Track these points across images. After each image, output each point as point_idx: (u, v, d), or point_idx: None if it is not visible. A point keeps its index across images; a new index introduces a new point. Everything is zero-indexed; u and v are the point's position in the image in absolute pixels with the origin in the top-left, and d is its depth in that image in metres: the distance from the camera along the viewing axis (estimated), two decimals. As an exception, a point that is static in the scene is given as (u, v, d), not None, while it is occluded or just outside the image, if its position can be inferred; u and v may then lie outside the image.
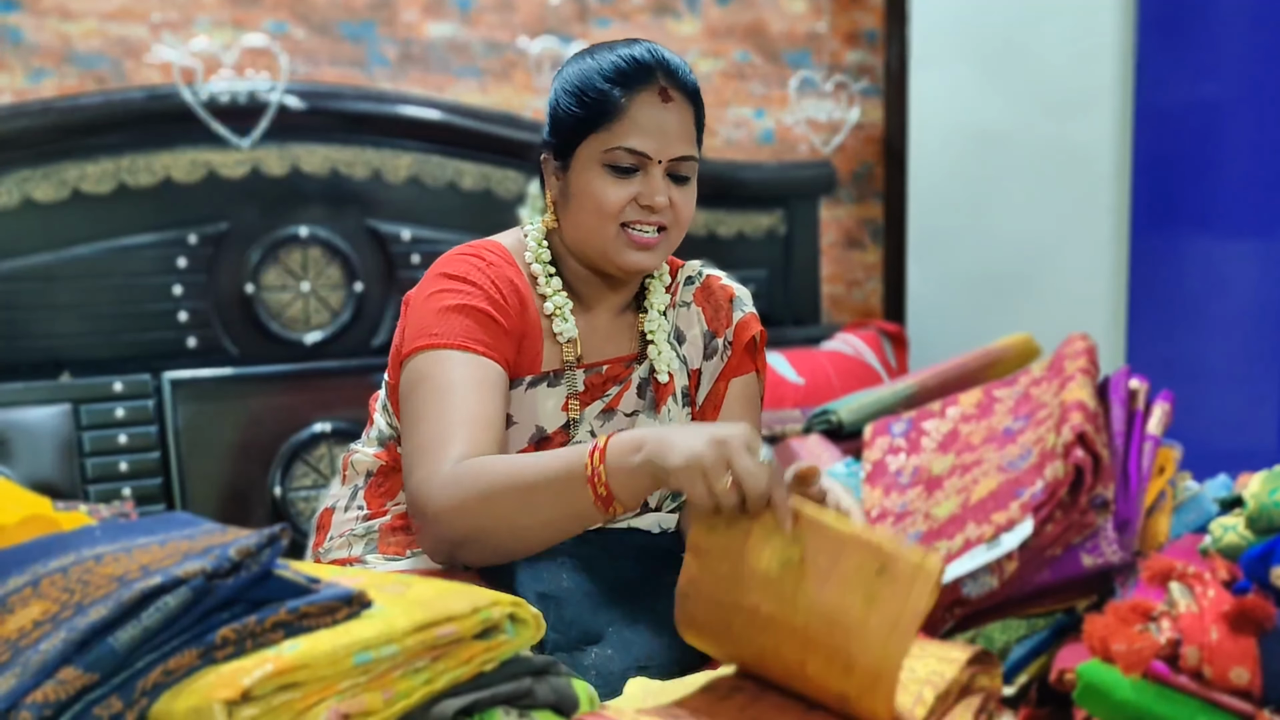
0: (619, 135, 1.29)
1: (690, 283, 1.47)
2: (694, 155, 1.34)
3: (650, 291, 1.43)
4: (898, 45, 3.29)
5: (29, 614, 0.84)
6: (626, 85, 1.29)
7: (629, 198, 1.30)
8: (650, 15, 3.05)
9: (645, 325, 1.41)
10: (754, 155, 3.18)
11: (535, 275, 1.37)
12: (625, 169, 1.30)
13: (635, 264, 1.33)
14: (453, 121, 2.68)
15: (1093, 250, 2.91)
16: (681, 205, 1.33)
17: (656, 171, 1.30)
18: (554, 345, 1.36)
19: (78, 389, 2.32)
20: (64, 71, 2.51)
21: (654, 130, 1.29)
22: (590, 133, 1.30)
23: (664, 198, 1.30)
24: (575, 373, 1.36)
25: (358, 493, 1.42)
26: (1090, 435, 1.14)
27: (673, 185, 1.32)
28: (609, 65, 1.31)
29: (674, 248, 1.37)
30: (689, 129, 1.33)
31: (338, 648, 0.82)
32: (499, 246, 1.37)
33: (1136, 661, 0.89)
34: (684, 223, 1.35)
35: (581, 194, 1.31)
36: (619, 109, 1.29)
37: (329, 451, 2.53)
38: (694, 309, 1.46)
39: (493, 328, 1.28)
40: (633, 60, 1.30)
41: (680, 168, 1.32)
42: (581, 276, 1.38)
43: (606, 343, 1.40)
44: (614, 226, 1.31)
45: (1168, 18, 2.75)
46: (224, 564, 0.82)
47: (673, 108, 1.30)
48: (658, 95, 1.30)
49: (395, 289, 2.63)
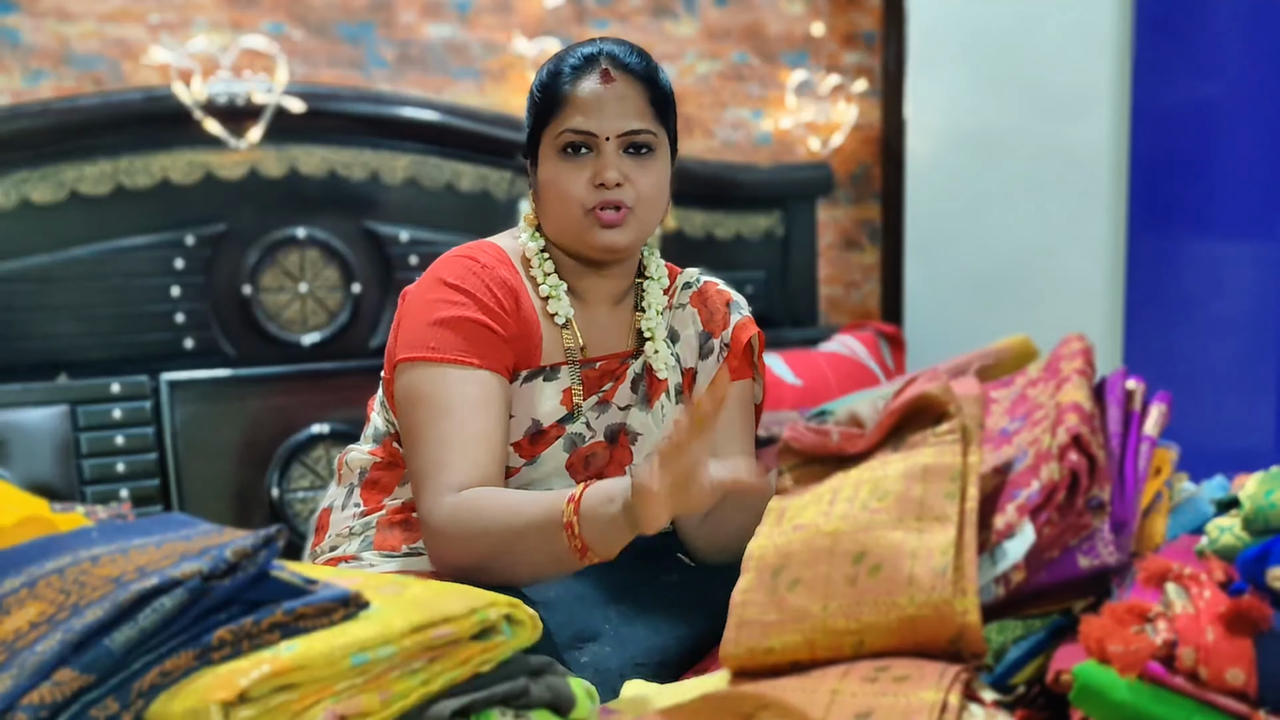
0: (565, 119, 1.33)
1: (688, 288, 1.48)
2: (647, 129, 1.34)
3: (647, 291, 1.44)
4: (895, 47, 3.29)
5: (25, 615, 0.83)
6: (571, 74, 1.34)
7: (585, 181, 1.32)
8: (648, 16, 3.05)
9: (642, 323, 1.42)
10: (751, 157, 3.18)
11: (530, 264, 1.38)
12: (576, 150, 1.33)
13: (604, 242, 1.34)
14: (450, 123, 2.68)
15: (1090, 251, 2.91)
16: (640, 180, 1.34)
17: (607, 149, 1.32)
18: (552, 339, 1.37)
19: (75, 390, 2.33)
20: (62, 73, 2.51)
21: (595, 108, 1.32)
22: (545, 124, 1.35)
23: (615, 173, 1.32)
24: (575, 366, 1.37)
25: (354, 490, 1.42)
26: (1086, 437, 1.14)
27: (629, 161, 1.33)
28: (559, 61, 1.36)
29: (647, 227, 1.37)
30: (639, 105, 1.34)
31: (334, 649, 0.82)
32: (494, 247, 1.39)
33: (1133, 662, 0.89)
34: (650, 199, 1.35)
35: (546, 184, 1.35)
36: (564, 95, 1.33)
37: (326, 453, 2.53)
38: (689, 309, 1.47)
39: (489, 338, 1.30)
40: (579, 53, 1.35)
41: (635, 140, 1.34)
42: (570, 268, 1.40)
43: (604, 337, 1.41)
44: (579, 210, 1.33)
45: (1165, 19, 2.75)
46: (220, 565, 0.82)
47: (615, 86, 1.33)
48: (598, 76, 1.33)
49: (393, 290, 2.63)
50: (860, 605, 1.01)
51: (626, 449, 1.41)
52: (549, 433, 1.35)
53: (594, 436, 1.38)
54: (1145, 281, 2.83)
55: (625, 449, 1.41)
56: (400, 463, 1.40)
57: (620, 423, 1.40)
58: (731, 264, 2.98)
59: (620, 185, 1.32)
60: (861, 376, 2.74)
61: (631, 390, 1.41)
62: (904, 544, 1.05)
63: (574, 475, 1.37)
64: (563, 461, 1.37)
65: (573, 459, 1.37)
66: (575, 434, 1.37)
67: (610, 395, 1.39)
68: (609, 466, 1.39)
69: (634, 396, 1.41)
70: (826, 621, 1.01)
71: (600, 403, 1.39)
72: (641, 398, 1.42)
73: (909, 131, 3.25)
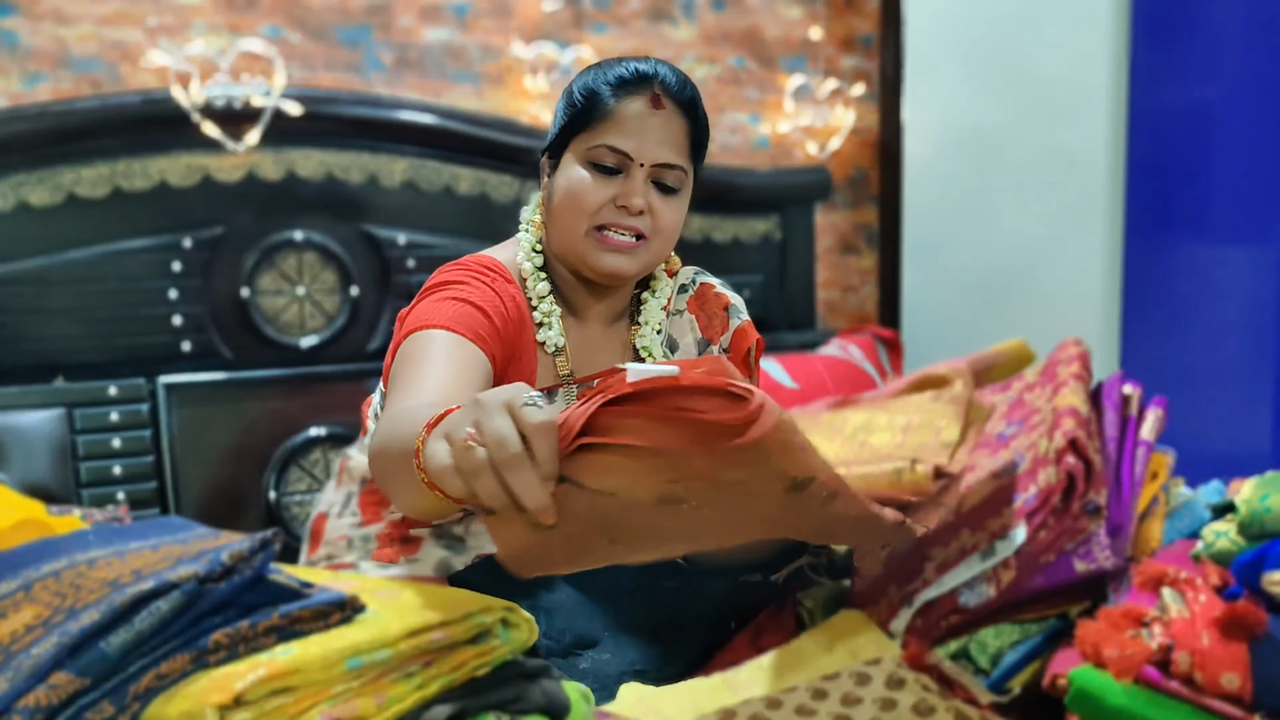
0: (603, 133, 1.30)
1: (684, 290, 1.46)
2: (681, 165, 1.32)
3: (645, 306, 1.42)
4: (893, 50, 3.29)
5: (21, 618, 0.83)
6: (620, 88, 1.31)
7: (607, 198, 1.30)
8: (646, 21, 3.05)
9: (637, 339, 1.40)
10: (749, 161, 3.18)
11: (525, 278, 1.36)
12: (607, 168, 1.30)
13: (606, 266, 1.31)
14: (448, 126, 2.68)
15: (1087, 255, 2.92)
16: (663, 214, 1.31)
17: (638, 174, 1.30)
18: (548, 363, 1.36)
19: (72, 393, 2.32)
20: (59, 75, 2.51)
21: (638, 131, 1.30)
22: (579, 131, 1.32)
23: (641, 200, 1.30)
24: (570, 388, 1.35)
25: (351, 499, 1.42)
26: (1082, 441, 1.14)
27: (656, 193, 1.31)
28: (609, 72, 1.33)
29: (655, 260, 1.35)
30: (678, 139, 1.32)
31: (330, 652, 0.82)
32: (496, 263, 1.36)
33: (1128, 667, 0.90)
34: (666, 233, 1.33)
35: (562, 189, 1.32)
36: (609, 110, 1.30)
37: (324, 456, 2.53)
38: (687, 316, 1.45)
39: (488, 324, 1.27)
40: (633, 69, 1.32)
41: (666, 176, 1.31)
42: (569, 283, 1.38)
43: (598, 354, 1.40)
44: (586, 224, 1.30)
45: (1162, 22, 2.75)
46: (216, 568, 0.82)
47: (662, 115, 1.31)
48: (648, 101, 1.31)
49: (391, 293, 2.63)
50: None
51: None
52: None
53: None
54: (1142, 285, 2.83)
55: None
56: None
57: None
58: (729, 268, 2.98)
59: (642, 214, 1.30)
60: (859, 380, 2.74)
61: None
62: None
63: None
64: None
65: None
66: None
67: None
68: None
69: None
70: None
71: None
72: None
73: (907, 135, 3.25)
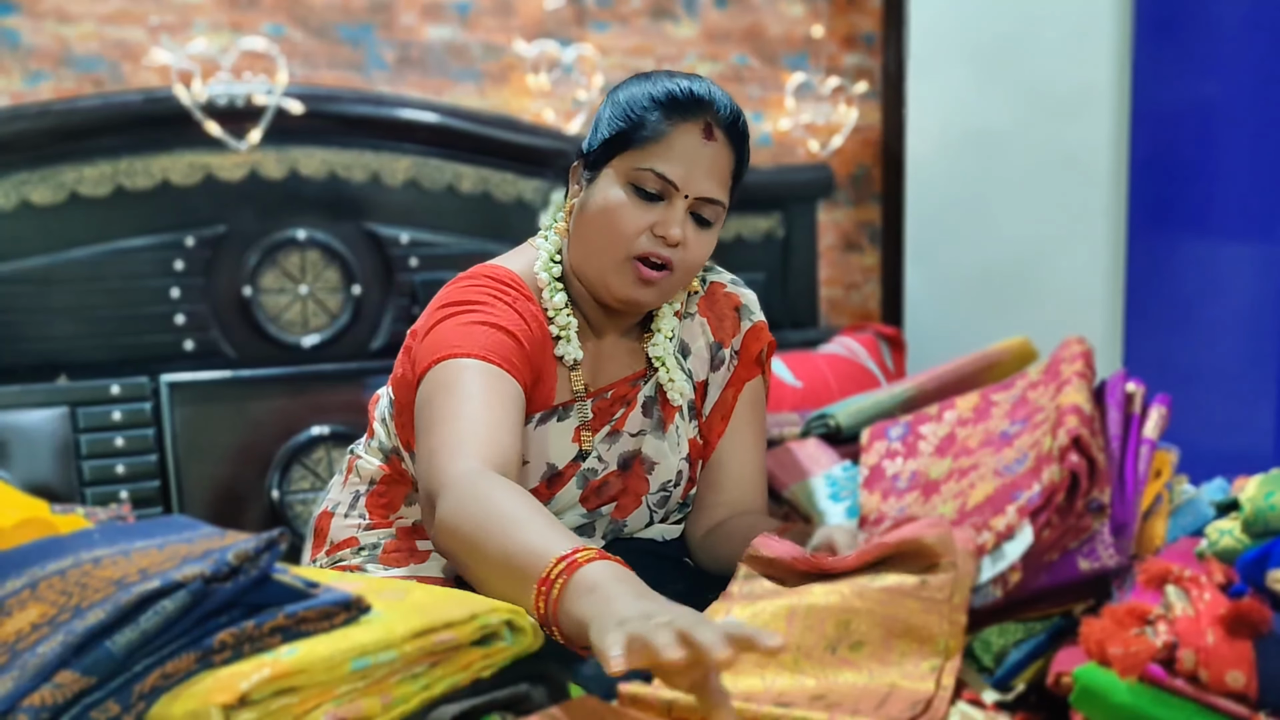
0: (652, 157, 1.26)
1: (694, 294, 1.46)
2: (722, 201, 1.30)
3: (660, 316, 1.40)
4: (895, 48, 3.29)
5: (26, 617, 0.84)
6: (673, 111, 1.27)
7: (646, 225, 1.27)
8: (649, 18, 3.05)
9: (650, 350, 1.39)
10: (752, 159, 3.18)
11: (541, 289, 1.33)
12: (649, 194, 1.27)
13: (633, 298, 1.29)
14: (451, 124, 2.68)
15: (1090, 252, 2.91)
16: (695, 248, 1.29)
17: (680, 204, 1.27)
18: (564, 377, 1.35)
19: (75, 392, 2.32)
20: (61, 74, 2.51)
21: (688, 161, 1.26)
22: (625, 149, 1.28)
23: (679, 231, 1.26)
24: (585, 402, 1.34)
25: (359, 499, 1.41)
26: (1086, 439, 1.14)
27: (692, 225, 1.29)
28: (662, 90, 1.28)
29: (674, 291, 1.33)
30: (724, 172, 1.29)
31: (335, 653, 0.82)
32: (514, 277, 1.32)
33: (1133, 665, 0.90)
34: (692, 267, 1.31)
35: (599, 208, 1.28)
36: (659, 132, 1.26)
37: (327, 455, 2.53)
38: (698, 319, 1.44)
39: (518, 350, 1.25)
40: (688, 91, 1.28)
41: (705, 210, 1.29)
42: (585, 299, 1.35)
43: (612, 365, 1.39)
44: (623, 253, 1.27)
45: (1165, 19, 2.75)
46: (222, 568, 0.83)
47: (713, 146, 1.28)
48: (701, 129, 1.27)
49: (394, 292, 2.63)
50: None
51: (642, 478, 1.37)
52: (565, 473, 1.34)
53: (606, 468, 1.35)
54: (1145, 283, 2.83)
55: (641, 478, 1.37)
56: (405, 479, 1.37)
57: (634, 450, 1.37)
58: (732, 265, 2.94)
59: (677, 245, 1.28)
60: (861, 378, 2.74)
61: (643, 414, 1.38)
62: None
63: (585, 504, 1.36)
64: (576, 496, 1.35)
65: (586, 493, 1.36)
66: (588, 470, 1.34)
67: (621, 424, 1.36)
68: (622, 495, 1.37)
69: (647, 421, 1.37)
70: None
71: (611, 433, 1.35)
72: (656, 422, 1.38)
73: (909, 133, 3.25)
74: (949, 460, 1.42)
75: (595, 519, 1.37)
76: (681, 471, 1.40)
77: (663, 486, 1.39)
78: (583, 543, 1.00)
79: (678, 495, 1.41)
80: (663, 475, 1.38)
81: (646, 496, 1.38)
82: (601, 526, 1.37)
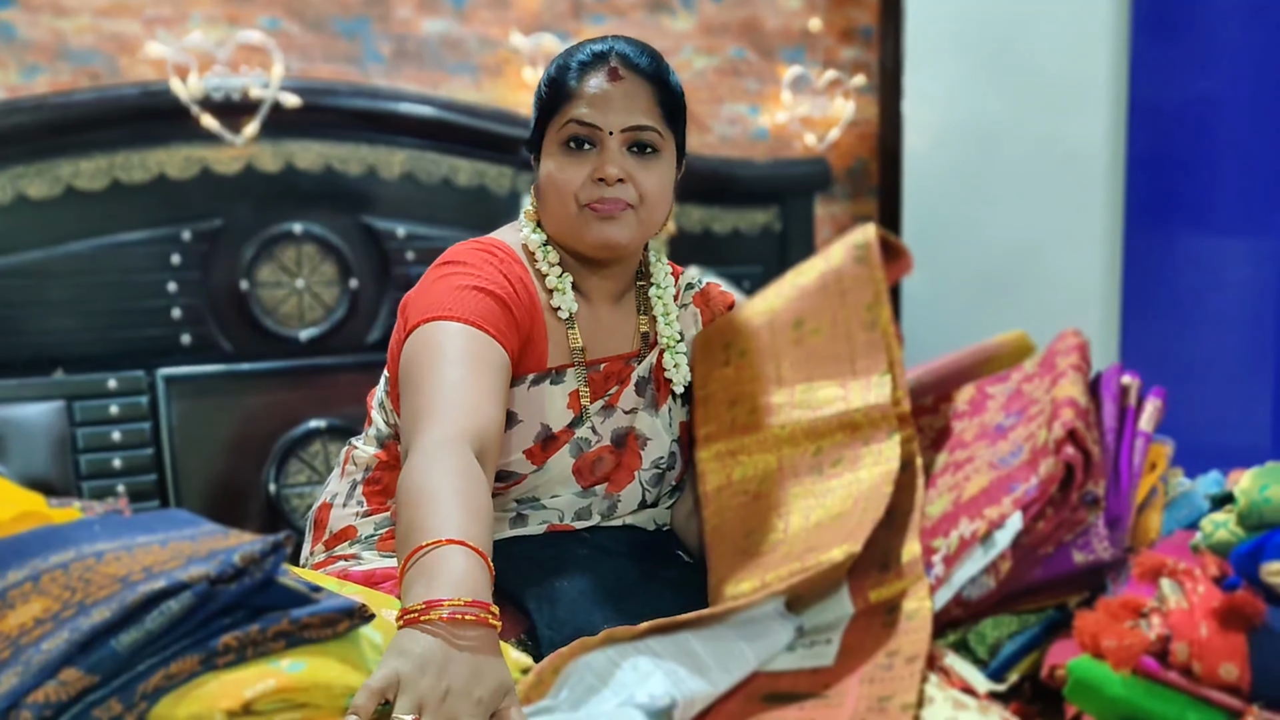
0: (569, 111, 1.32)
1: (690, 288, 1.49)
2: (653, 126, 1.33)
3: (657, 298, 1.43)
4: (892, 42, 3.29)
5: (30, 611, 0.83)
6: (581, 68, 1.33)
7: (585, 175, 1.31)
8: (645, 12, 3.05)
9: (658, 327, 1.42)
10: (748, 152, 3.18)
11: (535, 258, 1.37)
12: (579, 143, 1.32)
13: (599, 237, 1.32)
14: (447, 118, 2.68)
15: (1087, 246, 2.92)
16: (643, 179, 1.32)
17: (611, 144, 1.31)
18: (557, 340, 1.36)
19: (72, 386, 2.33)
20: (58, 68, 2.51)
21: (601, 102, 1.31)
22: (551, 118, 1.33)
23: (616, 168, 1.31)
24: (582, 367, 1.36)
25: (356, 488, 1.42)
26: (1081, 432, 1.14)
27: (632, 160, 1.33)
28: (569, 56, 1.35)
29: (648, 228, 1.36)
30: (646, 104, 1.33)
31: (342, 674, 0.82)
32: (503, 245, 1.37)
33: (1127, 657, 0.90)
34: (652, 199, 1.34)
35: (546, 177, 1.34)
36: (571, 90, 1.32)
37: (323, 448, 2.53)
38: (692, 309, 1.48)
39: (505, 316, 1.28)
40: (588, 50, 1.34)
41: (640, 137, 1.33)
42: (571, 264, 1.39)
43: (606, 338, 1.40)
44: (573, 204, 1.32)
45: (1161, 14, 2.75)
46: (228, 570, 0.82)
47: (623, 84, 1.32)
48: (606, 74, 1.33)
49: (390, 285, 2.63)
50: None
51: (635, 453, 1.39)
52: (559, 438, 1.35)
53: (600, 441, 1.37)
54: (1142, 277, 2.83)
55: (634, 453, 1.39)
56: (400, 464, 1.38)
57: (628, 426, 1.39)
58: (729, 259, 2.98)
59: (622, 181, 1.31)
60: (858, 371, 2.74)
61: (636, 393, 1.40)
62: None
63: (580, 480, 1.37)
64: (569, 466, 1.36)
65: (579, 464, 1.36)
66: (582, 438, 1.36)
67: (615, 399, 1.38)
68: (616, 471, 1.39)
69: (640, 399, 1.40)
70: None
71: (606, 407, 1.38)
72: (649, 400, 1.41)
73: (906, 127, 3.25)
74: (945, 453, 1.43)
75: (591, 499, 1.38)
76: (674, 453, 1.42)
77: (655, 464, 1.40)
78: (477, 538, 1.01)
79: (671, 478, 1.42)
80: (655, 451, 1.40)
81: (639, 472, 1.40)
82: (597, 506, 1.38)
